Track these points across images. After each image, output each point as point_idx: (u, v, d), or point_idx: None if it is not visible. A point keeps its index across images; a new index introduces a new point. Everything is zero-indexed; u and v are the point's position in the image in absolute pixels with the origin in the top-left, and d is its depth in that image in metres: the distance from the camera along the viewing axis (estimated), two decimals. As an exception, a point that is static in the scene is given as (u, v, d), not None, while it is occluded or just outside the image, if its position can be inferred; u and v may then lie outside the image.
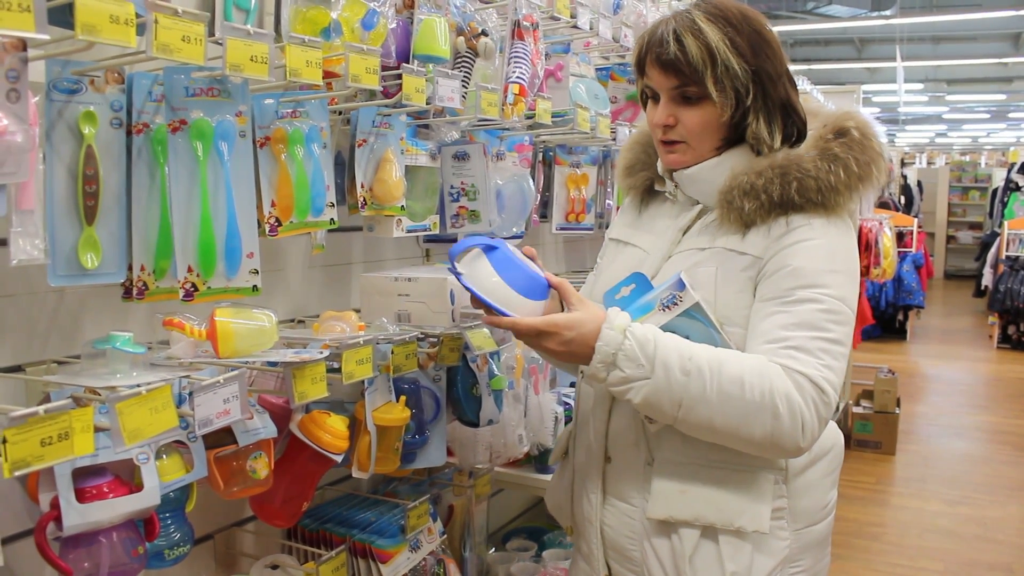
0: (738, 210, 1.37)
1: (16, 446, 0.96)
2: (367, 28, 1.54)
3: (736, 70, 1.35)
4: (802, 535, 1.45)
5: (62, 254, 1.19)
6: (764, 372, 1.27)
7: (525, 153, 2.26)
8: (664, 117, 1.40)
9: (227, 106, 1.36)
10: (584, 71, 2.49)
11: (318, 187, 1.53)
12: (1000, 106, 18.13)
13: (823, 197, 1.35)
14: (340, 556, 1.72)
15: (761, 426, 1.27)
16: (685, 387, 1.27)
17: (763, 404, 1.26)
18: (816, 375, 1.28)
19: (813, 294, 1.31)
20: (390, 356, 1.63)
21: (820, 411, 1.28)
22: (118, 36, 1.03)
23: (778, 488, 1.41)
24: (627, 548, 1.47)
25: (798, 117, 1.42)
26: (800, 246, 1.34)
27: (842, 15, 11.26)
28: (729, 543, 1.38)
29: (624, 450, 1.47)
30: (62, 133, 1.18)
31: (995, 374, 8.09)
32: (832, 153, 1.37)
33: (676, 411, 1.29)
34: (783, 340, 1.30)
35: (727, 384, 1.26)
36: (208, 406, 1.23)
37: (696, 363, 1.27)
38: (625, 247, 1.57)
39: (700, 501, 1.39)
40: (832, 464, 1.52)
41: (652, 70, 1.39)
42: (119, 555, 1.23)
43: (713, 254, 1.40)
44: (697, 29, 1.35)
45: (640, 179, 1.59)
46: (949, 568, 3.90)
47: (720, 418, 1.28)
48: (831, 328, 1.31)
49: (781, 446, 1.29)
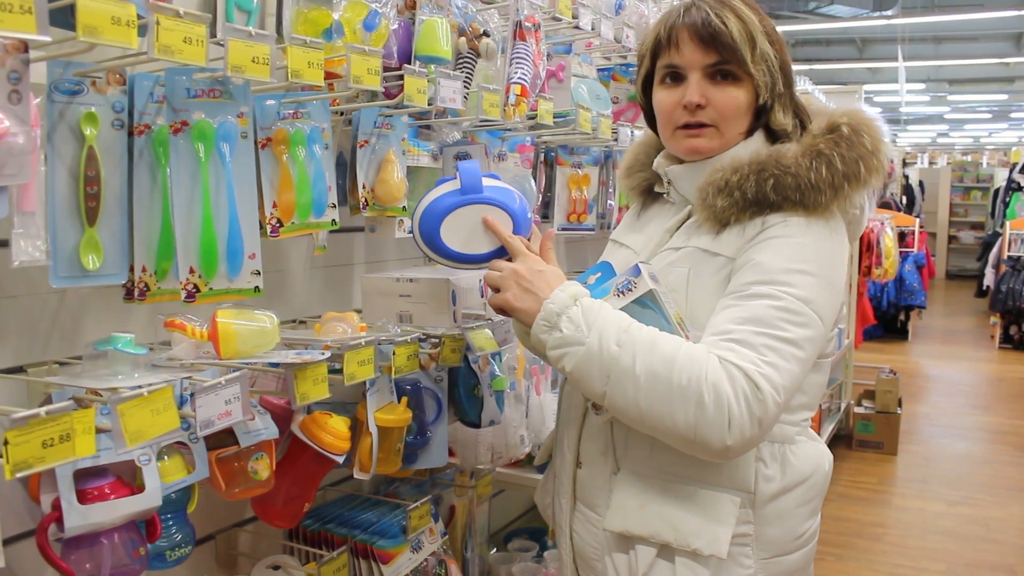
0: (711, 207, 1.32)
1: (18, 447, 0.96)
2: (369, 29, 1.54)
3: (770, 56, 1.32)
4: (771, 564, 1.35)
5: (64, 255, 1.19)
6: (697, 359, 1.19)
7: (527, 154, 2.26)
8: (697, 96, 1.33)
9: (229, 107, 1.36)
10: (586, 72, 2.49)
11: (320, 188, 1.53)
12: (1002, 106, 18.11)
13: (802, 196, 1.28)
14: (342, 557, 1.72)
15: (684, 413, 1.17)
16: (616, 359, 1.20)
17: (688, 389, 1.17)
18: (752, 370, 1.17)
19: (770, 290, 1.23)
20: (392, 357, 1.63)
21: (752, 408, 1.16)
22: (119, 37, 1.03)
23: (744, 512, 1.33)
24: (591, 558, 1.44)
25: (806, 116, 1.39)
26: (769, 242, 1.27)
27: (843, 15, 11.25)
28: (686, 565, 1.31)
29: (593, 457, 1.44)
30: (64, 134, 1.18)
31: (997, 374, 8.08)
32: (816, 149, 1.30)
33: (604, 384, 1.22)
34: (727, 333, 1.22)
35: (657, 363, 1.19)
36: (210, 407, 1.23)
37: (631, 336, 1.21)
38: (619, 248, 1.56)
39: (657, 518, 1.33)
40: (810, 493, 1.40)
41: (687, 46, 1.32)
42: (120, 556, 1.23)
43: (686, 254, 1.36)
44: (737, 9, 1.32)
45: (638, 180, 1.56)
46: (951, 569, 3.89)
47: (645, 399, 1.19)
48: (784, 327, 1.21)
49: (705, 439, 1.18)
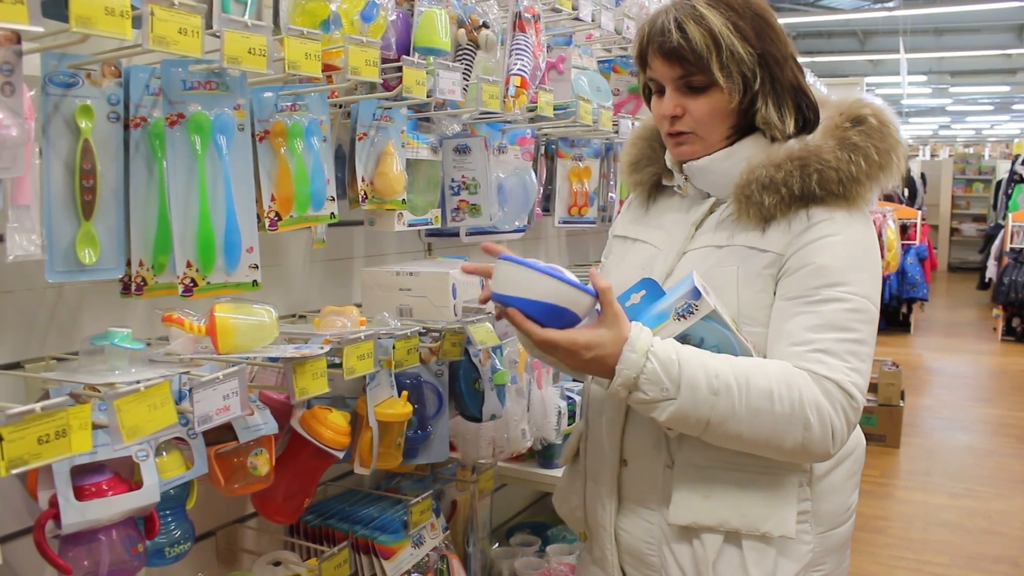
0: (757, 205, 1.33)
1: (13, 444, 0.95)
2: (367, 20, 1.53)
3: (741, 54, 1.31)
4: (825, 538, 1.41)
5: (59, 250, 1.18)
6: (792, 382, 1.24)
7: (527, 146, 2.25)
8: (671, 108, 1.36)
9: (225, 99, 1.34)
10: (586, 63, 2.48)
11: (318, 181, 1.52)
12: (1004, 98, 18.06)
13: (844, 189, 1.31)
14: (343, 552, 1.71)
15: (792, 437, 1.25)
16: (713, 406, 1.23)
17: (793, 416, 1.23)
18: (844, 380, 1.25)
19: (838, 293, 1.28)
20: (392, 351, 1.62)
21: (849, 417, 1.26)
22: (113, 28, 1.02)
23: (802, 491, 1.38)
24: (645, 554, 1.44)
25: (809, 100, 1.38)
26: (823, 242, 1.30)
27: (845, 7, 11.23)
28: (753, 548, 1.35)
29: (642, 454, 1.43)
30: (58, 127, 1.17)
31: (999, 367, 8.07)
32: (852, 143, 1.32)
33: (704, 428, 1.26)
34: (809, 343, 1.27)
35: (756, 399, 1.23)
36: (208, 402, 1.22)
37: (724, 380, 1.23)
38: (634, 244, 1.53)
39: (724, 507, 1.35)
40: (855, 466, 1.48)
41: (655, 61, 1.36)
42: (119, 553, 1.23)
43: (732, 252, 1.36)
44: (698, 15, 1.31)
45: (647, 174, 1.55)
46: (954, 561, 3.89)
47: (749, 432, 1.25)
48: (857, 328, 1.28)
49: (812, 453, 1.27)
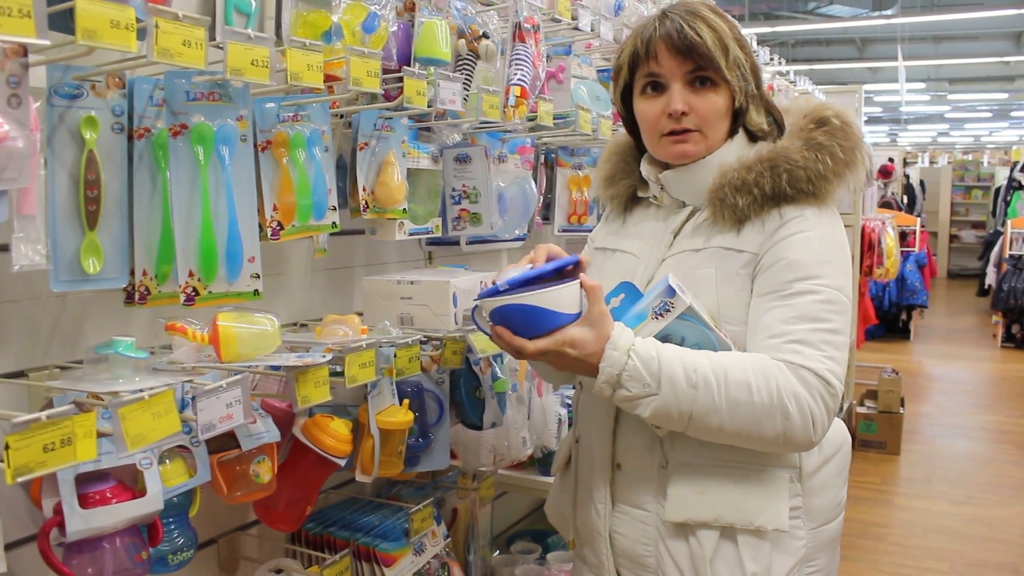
0: (732, 206, 1.38)
1: (19, 452, 0.96)
2: (368, 31, 1.54)
3: (741, 59, 1.40)
4: (817, 534, 1.45)
5: (64, 259, 1.19)
6: (769, 373, 1.28)
7: (527, 155, 2.26)
8: (680, 104, 1.40)
9: (228, 110, 1.36)
10: (585, 73, 2.49)
11: (320, 191, 1.53)
12: (1002, 105, 18.11)
13: (813, 186, 1.37)
14: (344, 560, 1.72)
15: (772, 427, 1.28)
16: (693, 399, 1.28)
17: (772, 406, 1.27)
18: (820, 368, 1.29)
19: (811, 286, 1.33)
20: (393, 359, 1.62)
21: (828, 404, 1.30)
22: (119, 41, 1.03)
23: (793, 486, 1.41)
24: (641, 555, 1.46)
25: (778, 113, 1.48)
26: (795, 238, 1.36)
27: (843, 15, 11.27)
28: (748, 543, 1.38)
29: (635, 456, 1.46)
30: (63, 138, 1.18)
31: (999, 373, 8.06)
32: (817, 142, 1.39)
33: (686, 422, 1.30)
34: (785, 335, 1.31)
35: (735, 391, 1.27)
36: (211, 410, 1.22)
37: (702, 374, 1.28)
38: (613, 254, 1.57)
39: (719, 502, 1.39)
40: (843, 462, 1.52)
41: (665, 56, 1.39)
42: (122, 560, 1.23)
43: (710, 254, 1.41)
44: (707, 18, 1.40)
45: (622, 187, 1.60)
46: (955, 568, 3.89)
47: (731, 424, 1.29)
48: (831, 318, 1.32)
49: (794, 442, 1.31)
